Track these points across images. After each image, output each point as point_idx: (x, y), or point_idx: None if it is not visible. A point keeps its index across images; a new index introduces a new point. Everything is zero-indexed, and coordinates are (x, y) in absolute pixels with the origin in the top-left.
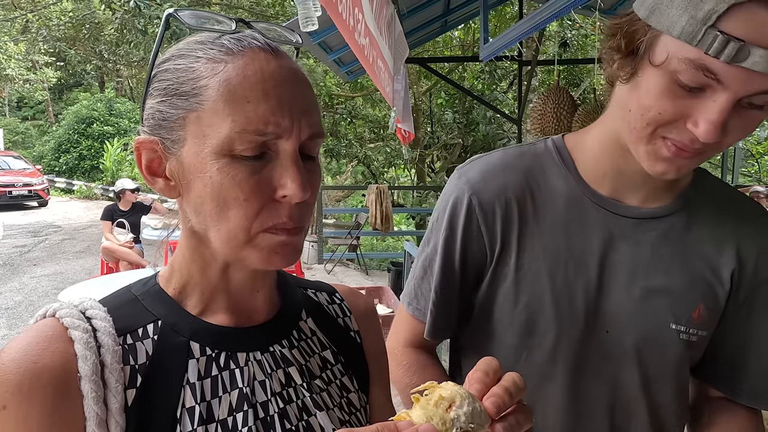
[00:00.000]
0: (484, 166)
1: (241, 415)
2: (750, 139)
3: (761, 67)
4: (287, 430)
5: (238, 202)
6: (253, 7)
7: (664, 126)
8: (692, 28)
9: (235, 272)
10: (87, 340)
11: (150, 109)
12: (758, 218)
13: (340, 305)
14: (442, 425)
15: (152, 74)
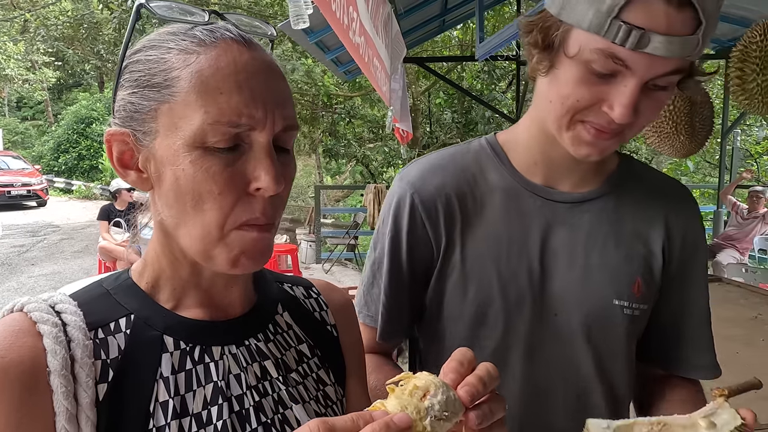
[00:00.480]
0: (423, 167)
1: (216, 408)
2: (749, 139)
3: (661, 52)
4: (263, 423)
5: (213, 196)
6: (252, 6)
7: (582, 111)
8: (599, 21)
9: (205, 268)
10: (56, 334)
11: (121, 101)
12: (682, 196)
13: (317, 299)
14: (417, 414)
15: (123, 66)
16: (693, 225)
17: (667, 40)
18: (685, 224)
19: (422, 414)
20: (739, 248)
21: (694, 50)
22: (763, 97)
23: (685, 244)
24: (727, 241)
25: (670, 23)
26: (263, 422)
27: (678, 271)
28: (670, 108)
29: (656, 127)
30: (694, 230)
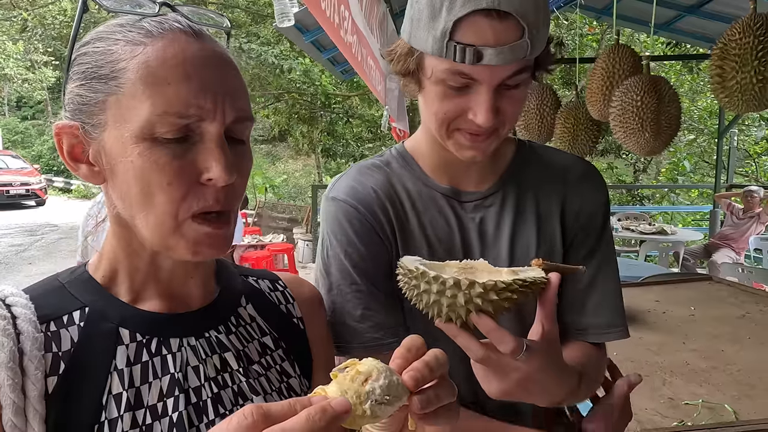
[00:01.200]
0: (351, 181)
1: (172, 400)
2: (747, 139)
3: (495, 62)
4: (221, 415)
5: (162, 187)
6: (249, 6)
7: (453, 121)
8: (438, 45)
9: (164, 260)
10: (4, 327)
11: (70, 93)
12: (580, 171)
13: (283, 292)
14: (357, 398)
15: (72, 58)
16: (590, 197)
17: (498, 51)
18: (582, 197)
19: (362, 398)
20: (735, 248)
21: (527, 52)
22: (742, 95)
23: (579, 216)
24: (723, 240)
25: (497, 36)
26: (221, 414)
27: (576, 242)
28: (637, 104)
29: (622, 123)
30: (591, 201)
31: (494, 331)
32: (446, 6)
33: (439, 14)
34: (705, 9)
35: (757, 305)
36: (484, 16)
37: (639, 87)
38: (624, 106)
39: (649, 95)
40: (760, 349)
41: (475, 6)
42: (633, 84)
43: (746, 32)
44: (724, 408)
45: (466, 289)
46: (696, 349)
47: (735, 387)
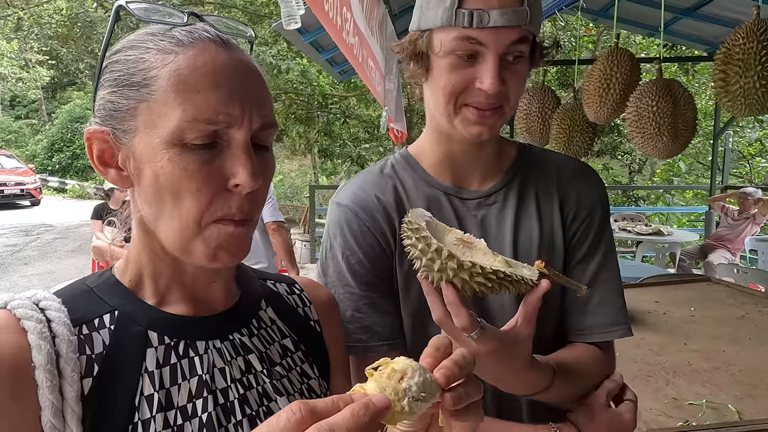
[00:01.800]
0: (355, 188)
1: (201, 401)
2: (741, 141)
3: (501, 22)
4: (247, 416)
5: (190, 192)
6: (247, 6)
7: (461, 95)
8: (447, 15)
9: (187, 264)
10: (41, 330)
11: (101, 99)
12: (577, 170)
13: (300, 296)
14: (395, 395)
15: (103, 66)
16: (587, 194)
17: (502, 12)
18: (578, 195)
19: (400, 395)
20: (730, 249)
21: (527, 19)
22: (745, 99)
23: (577, 214)
24: (718, 241)
25: (500, 0)
26: (248, 414)
27: (574, 238)
28: (653, 109)
29: (640, 128)
30: (588, 199)
31: (453, 304)
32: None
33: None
34: (701, 12)
35: (755, 306)
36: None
37: (653, 92)
38: (640, 112)
39: (664, 99)
40: (760, 349)
41: None
42: (647, 89)
43: (750, 37)
44: (728, 408)
45: (445, 259)
46: (697, 349)
47: (737, 387)
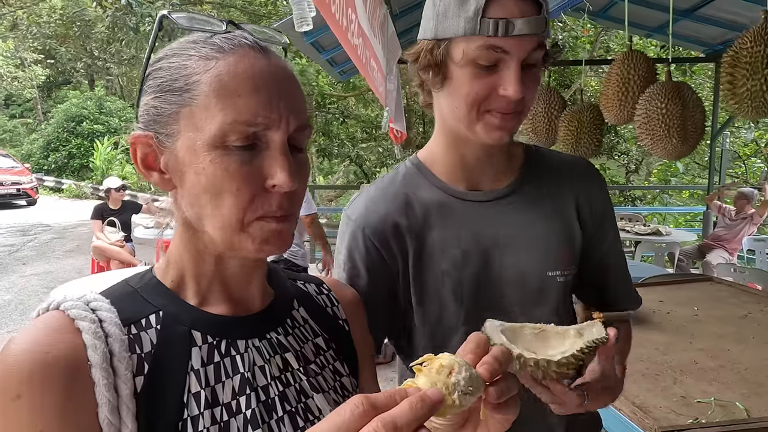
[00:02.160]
0: (366, 201)
1: (244, 398)
2: (737, 141)
3: (525, 31)
4: (287, 412)
5: (231, 192)
6: (246, 6)
7: (483, 102)
8: (471, 24)
9: (228, 263)
10: (95, 330)
11: (145, 105)
12: (585, 170)
13: (328, 295)
14: (445, 389)
15: (146, 73)
16: (597, 193)
17: (526, 21)
18: (590, 193)
19: (450, 389)
20: (728, 248)
21: (545, 27)
22: (752, 102)
23: (593, 210)
24: (716, 241)
25: (522, 10)
26: (288, 411)
27: (593, 232)
28: (662, 112)
29: (649, 130)
30: (599, 197)
31: (563, 394)
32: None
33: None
34: (698, 13)
35: (758, 305)
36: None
37: (663, 94)
38: (649, 114)
39: (673, 102)
40: (764, 348)
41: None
42: (656, 91)
43: (757, 41)
44: (736, 406)
45: (544, 368)
46: (703, 348)
47: (744, 385)
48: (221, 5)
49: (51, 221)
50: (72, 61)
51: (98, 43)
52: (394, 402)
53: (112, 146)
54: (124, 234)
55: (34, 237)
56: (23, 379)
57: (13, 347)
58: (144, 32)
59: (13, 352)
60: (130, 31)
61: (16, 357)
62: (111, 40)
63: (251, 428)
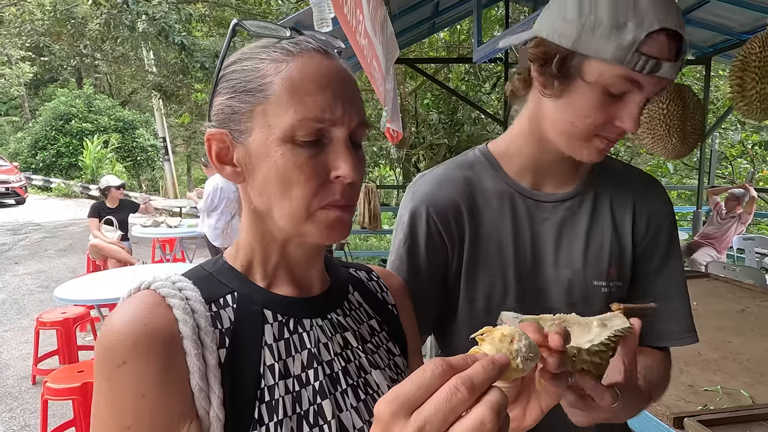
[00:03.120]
0: (433, 181)
1: (312, 371)
2: (724, 142)
3: (668, 75)
4: (350, 385)
5: (300, 183)
6: (240, 5)
7: (599, 128)
8: (621, 53)
9: (292, 249)
10: (184, 306)
11: (219, 105)
12: (647, 183)
13: (377, 282)
14: (510, 355)
15: (219, 76)
16: (658, 208)
17: (671, 65)
18: (650, 208)
19: (513, 355)
20: (717, 247)
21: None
22: (761, 104)
23: (649, 226)
24: (705, 240)
25: (671, 52)
26: (350, 384)
27: (646, 250)
28: (663, 112)
29: (650, 130)
30: (659, 212)
31: (595, 389)
32: (634, 21)
33: (624, 26)
34: (690, 17)
35: (754, 300)
36: (667, 35)
37: (665, 95)
38: (651, 114)
39: (674, 103)
40: (763, 340)
41: (665, 25)
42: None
43: (765, 46)
44: (741, 393)
45: (574, 357)
46: (705, 341)
47: (747, 374)
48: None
49: (41, 220)
50: (67, 59)
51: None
52: (467, 365)
53: (101, 145)
54: (122, 233)
55: (25, 236)
56: (128, 348)
57: (115, 320)
58: (139, 31)
59: (117, 324)
60: (125, 29)
61: (120, 328)
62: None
63: (320, 398)
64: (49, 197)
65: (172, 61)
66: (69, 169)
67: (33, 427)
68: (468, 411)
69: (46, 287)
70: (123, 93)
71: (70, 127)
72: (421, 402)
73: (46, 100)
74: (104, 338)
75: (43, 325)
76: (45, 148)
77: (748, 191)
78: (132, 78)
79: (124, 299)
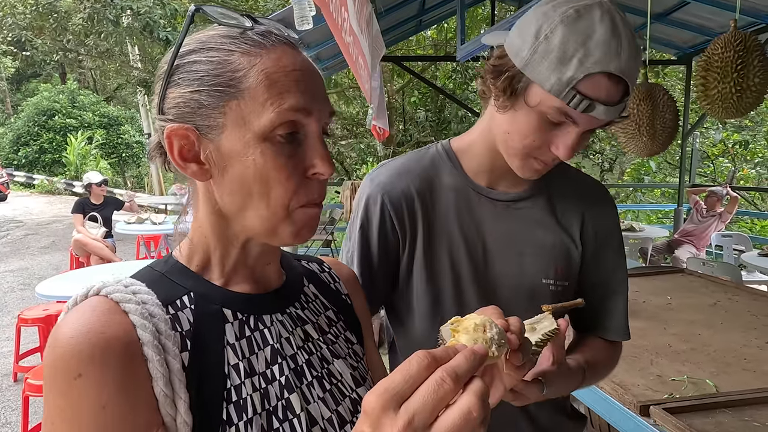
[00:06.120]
0: (391, 170)
1: (277, 366)
2: (705, 141)
3: (601, 116)
4: (315, 377)
5: (280, 182)
6: (226, 1)
7: (535, 150)
8: (559, 87)
9: (252, 247)
10: (141, 311)
11: (179, 97)
12: (598, 193)
13: (329, 273)
14: (485, 343)
15: (174, 65)
16: (605, 217)
17: (606, 109)
18: (598, 217)
19: (488, 343)
20: (696, 244)
21: (621, 112)
22: (722, 103)
23: (597, 234)
24: (685, 237)
25: (610, 95)
26: (315, 376)
27: (592, 256)
28: (633, 111)
29: (623, 128)
30: (607, 222)
31: (524, 387)
32: (579, 58)
33: (569, 62)
34: (671, 18)
35: (725, 294)
36: (607, 77)
37: (636, 95)
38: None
39: (644, 102)
40: (731, 332)
41: (605, 69)
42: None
43: (727, 48)
44: (706, 383)
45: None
46: (676, 333)
47: (713, 365)
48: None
49: (23, 217)
50: (47, 54)
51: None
52: (449, 357)
53: (86, 141)
54: (106, 229)
55: (6, 233)
56: (83, 359)
57: (66, 330)
58: (123, 26)
59: (68, 335)
60: (109, 24)
61: (73, 339)
62: (89, 32)
63: (287, 392)
64: (32, 194)
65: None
66: (52, 165)
67: (14, 425)
68: (454, 401)
69: (28, 285)
70: (108, 89)
71: (54, 123)
72: (409, 394)
73: (28, 96)
74: (54, 351)
75: (24, 322)
76: (27, 144)
77: (727, 192)
78: (117, 73)
79: (70, 307)
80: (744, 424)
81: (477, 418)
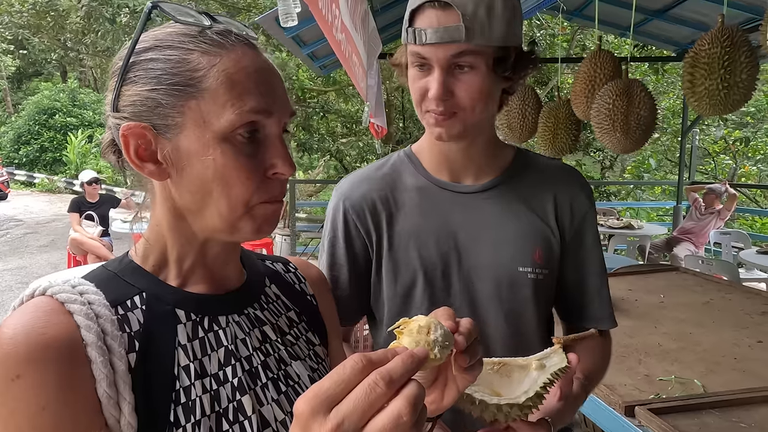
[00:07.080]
0: (353, 179)
1: (230, 368)
2: (707, 138)
3: (433, 39)
4: (270, 379)
5: (241, 181)
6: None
7: (422, 102)
8: (405, 34)
9: (211, 246)
10: (86, 311)
11: (135, 95)
12: (569, 176)
13: (295, 273)
14: (427, 345)
15: (131, 63)
16: (578, 199)
17: (435, 30)
18: (571, 199)
19: (431, 345)
20: (695, 242)
21: (463, 35)
22: (709, 99)
23: (573, 217)
24: (684, 234)
25: (438, 20)
26: (270, 378)
27: (571, 239)
28: (608, 107)
29: (598, 124)
30: (580, 203)
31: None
32: (410, 2)
33: (407, 11)
34: (670, 14)
35: (719, 293)
36: (430, 6)
37: (613, 91)
38: (599, 109)
39: (620, 98)
40: (722, 331)
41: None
42: (609, 88)
43: (714, 43)
44: (693, 383)
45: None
46: (666, 332)
47: (702, 364)
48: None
49: (23, 216)
50: (45, 52)
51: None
52: (387, 360)
53: (86, 140)
54: (102, 228)
55: (6, 232)
56: (21, 360)
57: (6, 331)
58: (120, 24)
59: (7, 335)
60: (105, 22)
61: (12, 339)
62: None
63: (239, 394)
64: (32, 192)
65: None
66: (53, 164)
67: None
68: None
69: (26, 284)
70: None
71: (54, 122)
72: (340, 398)
73: (29, 94)
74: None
75: None
76: (28, 143)
77: (726, 189)
78: None
79: (15, 307)
80: (731, 425)
81: (407, 422)
